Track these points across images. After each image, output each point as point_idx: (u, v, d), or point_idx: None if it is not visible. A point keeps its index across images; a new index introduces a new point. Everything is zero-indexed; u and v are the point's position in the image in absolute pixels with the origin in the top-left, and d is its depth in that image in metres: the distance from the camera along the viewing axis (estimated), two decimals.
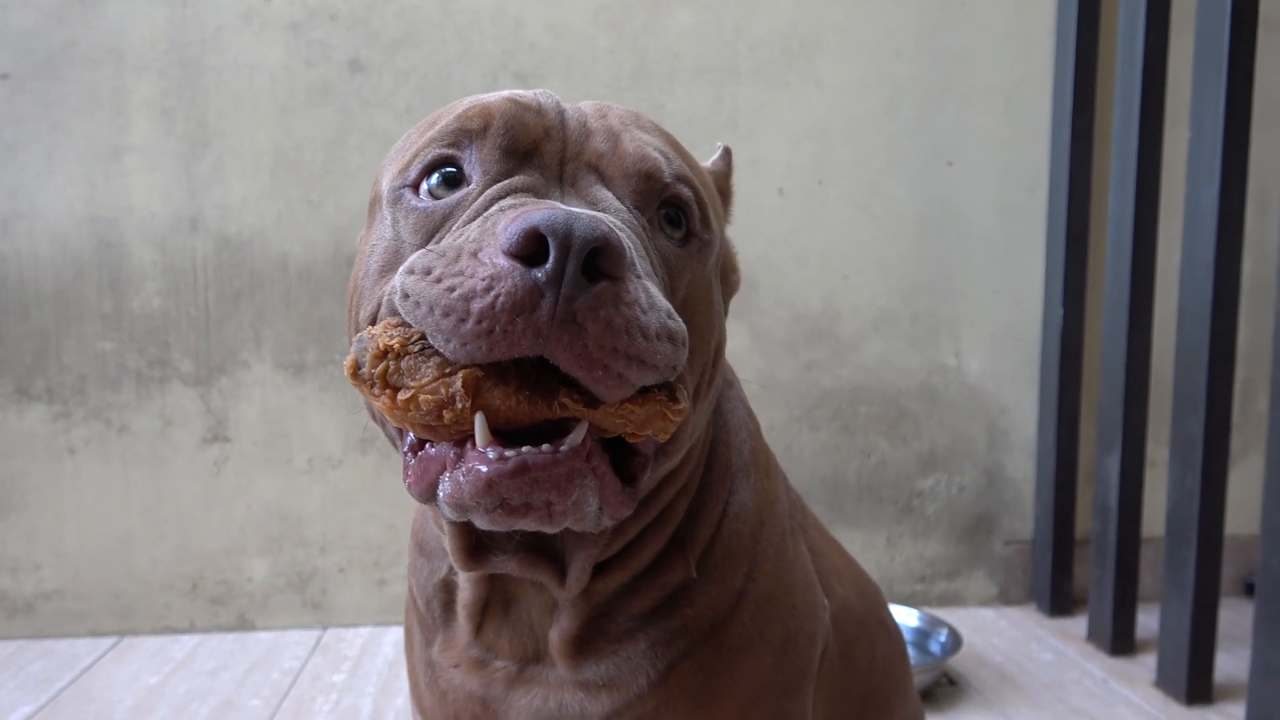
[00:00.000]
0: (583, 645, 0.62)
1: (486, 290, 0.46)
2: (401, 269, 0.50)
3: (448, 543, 0.60)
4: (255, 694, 1.40)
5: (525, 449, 0.47)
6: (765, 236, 1.68)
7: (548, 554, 0.60)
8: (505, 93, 0.58)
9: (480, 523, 0.49)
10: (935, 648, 1.52)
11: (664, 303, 0.50)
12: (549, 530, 0.51)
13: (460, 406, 0.46)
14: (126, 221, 1.57)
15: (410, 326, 0.49)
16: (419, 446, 0.51)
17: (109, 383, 1.58)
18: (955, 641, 1.47)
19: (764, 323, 1.69)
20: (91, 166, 1.55)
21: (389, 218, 0.57)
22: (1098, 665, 1.52)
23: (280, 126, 1.58)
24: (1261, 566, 1.24)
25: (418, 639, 0.71)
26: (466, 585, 0.65)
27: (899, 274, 1.72)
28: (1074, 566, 1.73)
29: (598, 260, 0.46)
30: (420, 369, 0.47)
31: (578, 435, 0.48)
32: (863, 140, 1.69)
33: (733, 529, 0.65)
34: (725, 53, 1.64)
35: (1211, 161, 1.32)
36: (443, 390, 0.46)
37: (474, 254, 0.47)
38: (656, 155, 0.57)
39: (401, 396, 0.47)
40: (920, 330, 1.73)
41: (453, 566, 0.65)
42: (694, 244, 0.58)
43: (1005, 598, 1.79)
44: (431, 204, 0.55)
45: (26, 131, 1.53)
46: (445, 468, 0.49)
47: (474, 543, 0.59)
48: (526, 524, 0.49)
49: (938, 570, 1.77)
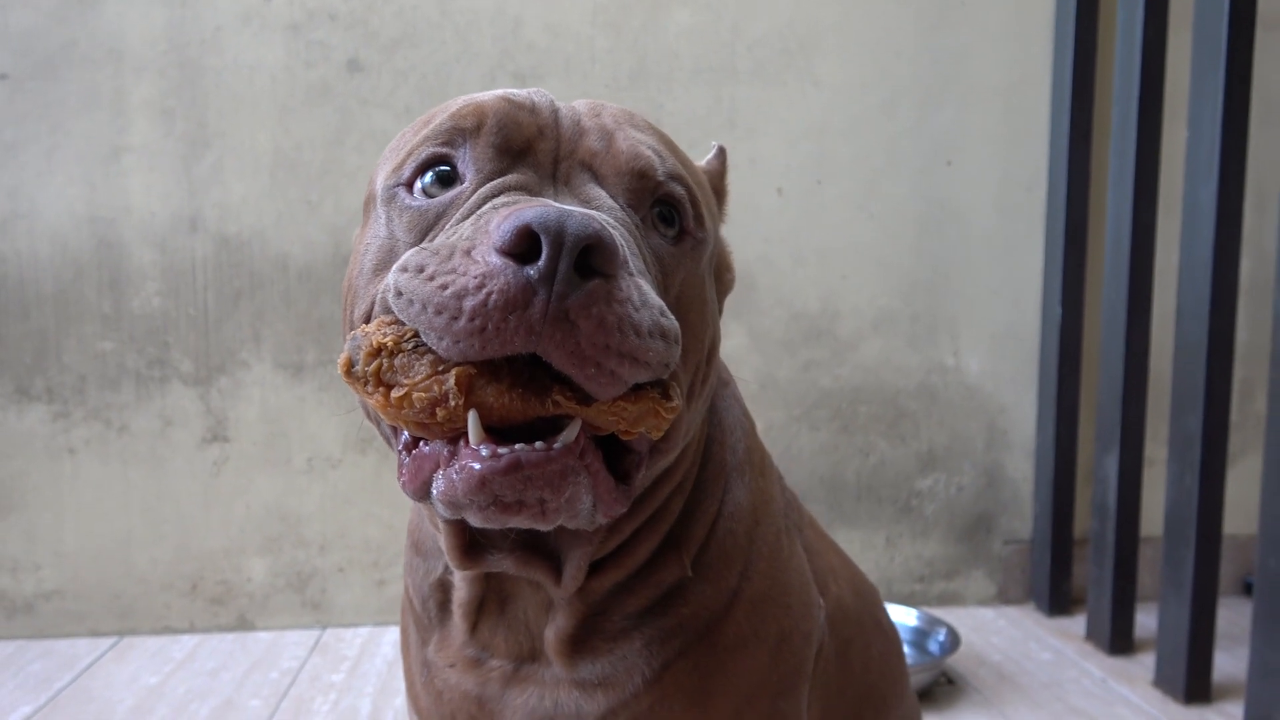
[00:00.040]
0: (578, 644, 0.62)
1: (479, 288, 0.46)
2: (395, 267, 0.50)
3: (443, 541, 0.60)
4: (255, 694, 1.41)
5: (518, 446, 0.47)
6: (764, 236, 1.68)
7: (543, 552, 0.60)
8: (499, 91, 0.58)
9: (474, 520, 0.50)
10: (934, 647, 1.52)
11: (657, 300, 0.50)
12: (543, 528, 0.51)
13: (453, 404, 0.46)
14: (126, 221, 1.57)
15: (404, 324, 0.49)
16: (413, 445, 0.51)
17: (109, 383, 1.59)
18: (954, 641, 1.47)
19: (763, 322, 1.69)
20: (91, 167, 1.55)
21: (383, 216, 0.57)
22: (1096, 664, 1.52)
23: (279, 126, 1.58)
24: (1259, 566, 1.24)
25: (414, 639, 0.71)
26: (462, 584, 0.65)
27: (898, 273, 1.72)
28: (1073, 566, 1.73)
29: (590, 258, 0.46)
30: (413, 366, 0.47)
31: (571, 433, 0.48)
32: (861, 140, 1.69)
33: (728, 528, 0.65)
34: (723, 52, 1.65)
35: (1210, 160, 1.32)
36: (436, 388, 0.47)
37: (467, 252, 0.48)
38: (650, 154, 0.57)
39: (395, 394, 0.47)
40: (919, 330, 1.73)
41: (448, 566, 0.65)
42: (687, 242, 0.58)
43: (1004, 597, 1.79)
44: (425, 202, 0.55)
45: (26, 132, 1.54)
46: (439, 465, 0.49)
47: (469, 541, 0.59)
48: (520, 521, 0.49)
49: (937, 570, 1.77)
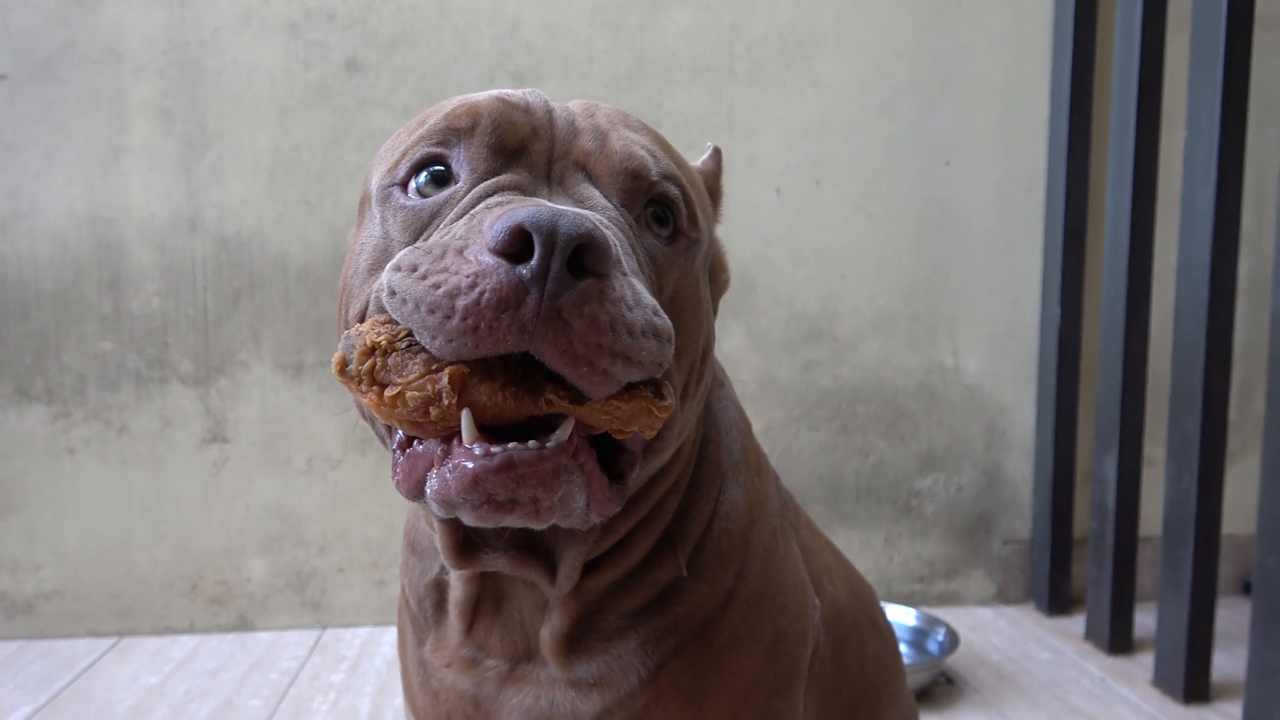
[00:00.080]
0: (574, 643, 0.63)
1: (471, 287, 0.46)
2: (389, 266, 0.50)
3: (438, 541, 0.60)
4: (254, 694, 1.41)
5: (511, 445, 0.47)
6: (763, 236, 1.68)
7: (538, 552, 0.61)
8: (494, 91, 0.58)
9: (467, 519, 0.50)
10: (933, 647, 1.52)
11: (650, 300, 0.50)
12: (536, 526, 0.51)
13: (446, 403, 0.46)
14: (126, 222, 1.57)
15: (398, 323, 0.49)
16: (407, 444, 0.51)
17: (108, 383, 1.59)
18: (953, 641, 1.47)
19: (762, 323, 1.69)
20: (91, 167, 1.56)
21: (378, 216, 0.57)
22: (1095, 664, 1.52)
23: (279, 127, 1.58)
24: (1258, 565, 1.24)
25: (410, 639, 0.71)
26: (458, 584, 0.65)
27: (897, 274, 1.72)
28: (1072, 566, 1.73)
29: (583, 257, 0.46)
30: (407, 366, 0.47)
31: (564, 432, 0.48)
32: (860, 140, 1.69)
33: (723, 527, 0.65)
34: (722, 53, 1.65)
35: (1208, 160, 1.32)
36: (429, 387, 0.47)
37: (460, 251, 0.48)
38: (643, 154, 0.57)
39: (388, 393, 0.47)
40: (918, 330, 1.73)
41: (444, 566, 0.65)
42: (681, 242, 0.58)
43: (1004, 597, 1.79)
44: (419, 202, 0.56)
45: (26, 132, 1.54)
46: (433, 464, 0.49)
47: (464, 540, 0.60)
48: (513, 520, 0.49)
49: (936, 570, 1.77)
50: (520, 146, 0.56)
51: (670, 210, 0.58)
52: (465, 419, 0.47)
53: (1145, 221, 1.51)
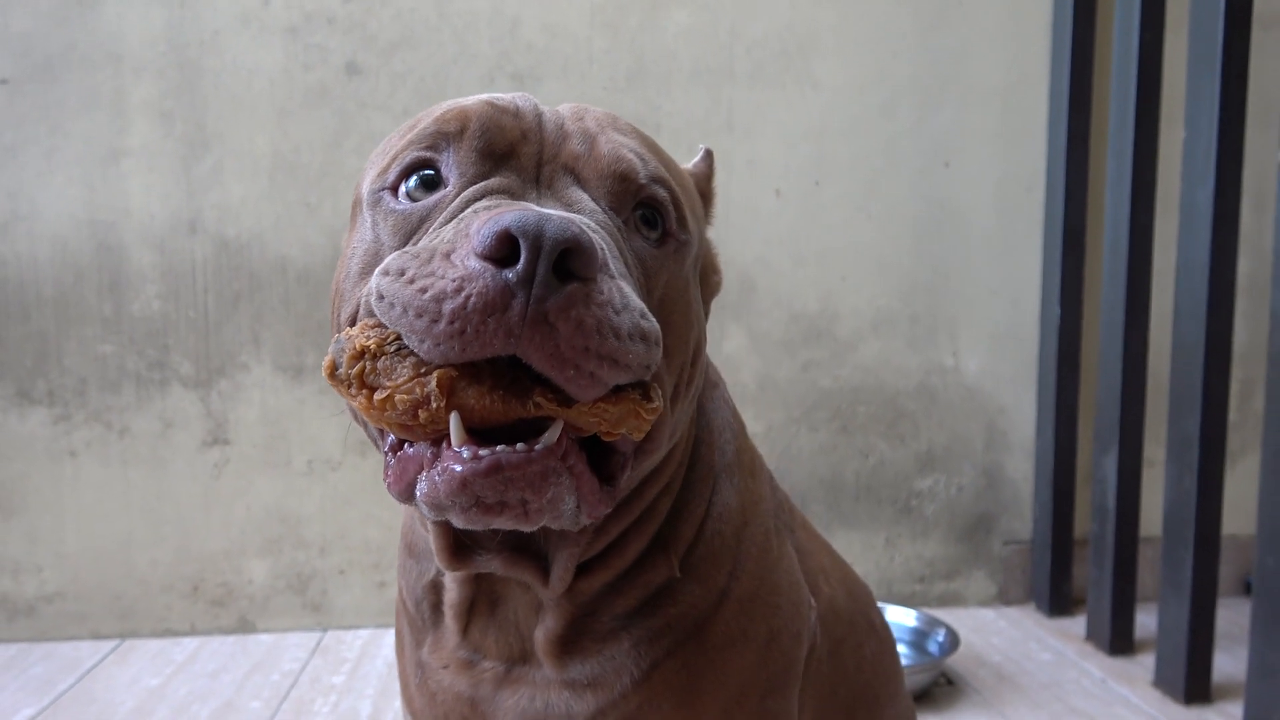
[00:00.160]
0: (567, 645, 0.63)
1: (458, 291, 0.46)
2: (377, 270, 0.50)
3: (432, 542, 0.60)
4: (255, 696, 1.41)
5: (500, 448, 0.47)
6: (762, 237, 1.68)
7: (531, 553, 0.61)
8: (484, 96, 0.58)
9: (457, 521, 0.50)
10: (933, 648, 1.52)
11: (638, 303, 0.50)
12: (526, 528, 0.51)
13: (435, 406, 0.47)
14: (126, 224, 1.58)
15: (387, 327, 0.49)
16: (398, 446, 0.51)
17: (109, 385, 1.59)
18: (953, 641, 1.47)
19: (762, 324, 1.70)
20: (90, 169, 1.56)
21: (369, 220, 0.58)
22: (1096, 665, 1.52)
23: (278, 129, 1.59)
24: (1258, 566, 1.23)
25: (408, 640, 0.71)
26: (453, 585, 0.65)
27: (897, 274, 1.72)
28: (1073, 566, 1.73)
29: (569, 261, 0.46)
30: (396, 369, 0.48)
31: (552, 434, 0.48)
32: (860, 141, 1.69)
33: (716, 528, 0.65)
34: (722, 54, 1.65)
35: (1206, 160, 1.32)
36: (418, 390, 0.47)
37: (446, 255, 0.48)
38: (631, 157, 0.57)
39: (378, 396, 0.48)
40: (918, 330, 1.73)
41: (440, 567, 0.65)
42: (670, 245, 0.58)
43: (1004, 598, 1.79)
44: (409, 206, 0.56)
45: (26, 134, 1.54)
46: (422, 467, 0.49)
47: (456, 542, 0.60)
48: (502, 522, 0.49)
49: (937, 570, 1.77)
50: (509, 150, 0.56)
51: (659, 213, 0.58)
52: (453, 422, 0.47)
53: (1144, 221, 1.51)
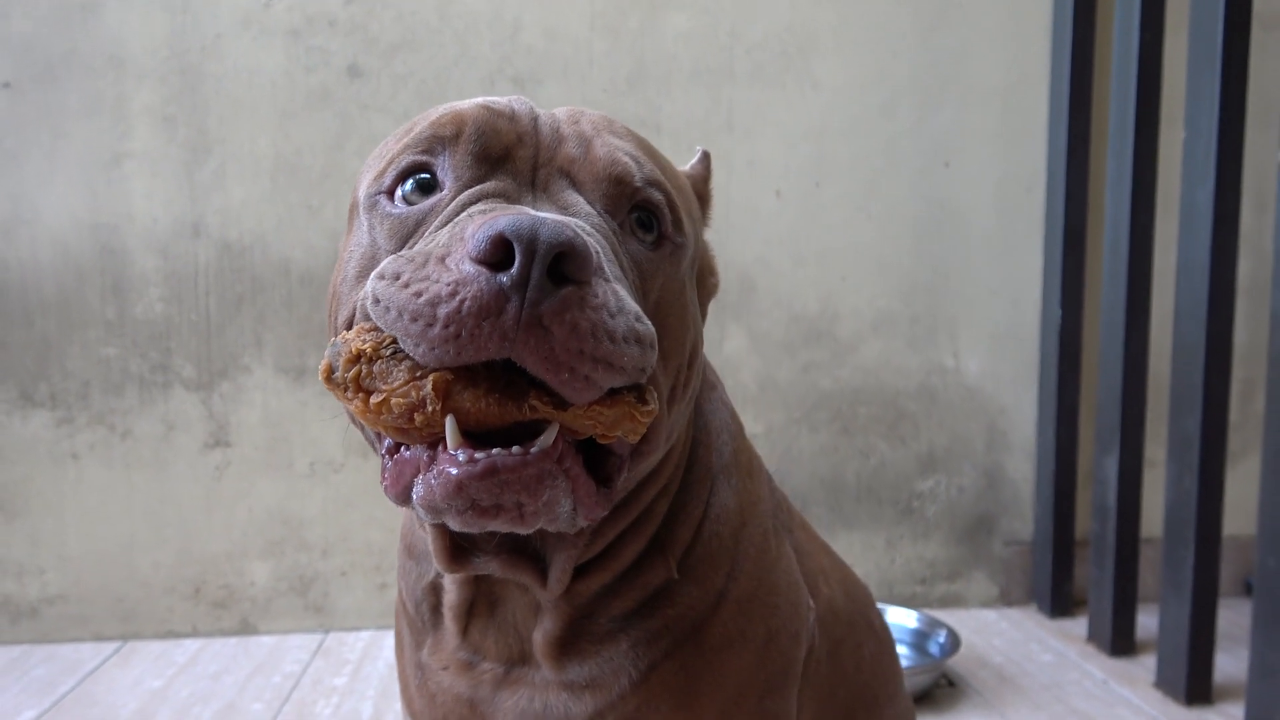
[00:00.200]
0: (566, 646, 0.63)
1: (453, 295, 0.46)
2: (373, 274, 0.51)
3: (430, 544, 0.61)
4: (257, 698, 1.41)
5: (495, 451, 0.47)
6: (763, 238, 1.68)
7: (528, 555, 0.61)
8: (479, 99, 0.58)
9: (453, 524, 0.50)
10: (934, 649, 1.52)
11: (633, 306, 0.50)
12: (522, 531, 0.51)
13: (431, 409, 0.47)
14: (128, 227, 1.58)
15: (383, 331, 0.49)
16: (395, 450, 0.52)
17: (112, 388, 1.60)
18: (954, 642, 1.47)
19: (762, 324, 1.70)
20: (93, 173, 1.56)
21: (365, 223, 0.58)
22: (1097, 666, 1.52)
23: (280, 132, 1.59)
24: (1259, 566, 1.23)
25: (408, 642, 0.71)
26: (451, 587, 0.66)
27: (897, 275, 1.72)
28: (1074, 567, 1.72)
29: (564, 265, 0.46)
30: (392, 373, 0.48)
31: (548, 437, 0.49)
32: (860, 141, 1.69)
33: (713, 530, 0.66)
34: (721, 55, 1.65)
35: (1206, 161, 1.32)
36: (413, 393, 0.47)
37: (441, 259, 0.48)
38: (627, 159, 0.57)
39: (374, 400, 0.48)
40: (919, 331, 1.73)
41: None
42: (666, 247, 0.59)
43: (1006, 599, 1.79)
44: (405, 210, 0.56)
45: (28, 139, 1.55)
46: (419, 470, 0.49)
47: (455, 544, 0.60)
48: (498, 525, 0.49)
49: (938, 571, 1.77)
50: (505, 154, 0.56)
51: (654, 216, 0.58)
52: (449, 425, 0.47)
53: (1145, 222, 1.51)
